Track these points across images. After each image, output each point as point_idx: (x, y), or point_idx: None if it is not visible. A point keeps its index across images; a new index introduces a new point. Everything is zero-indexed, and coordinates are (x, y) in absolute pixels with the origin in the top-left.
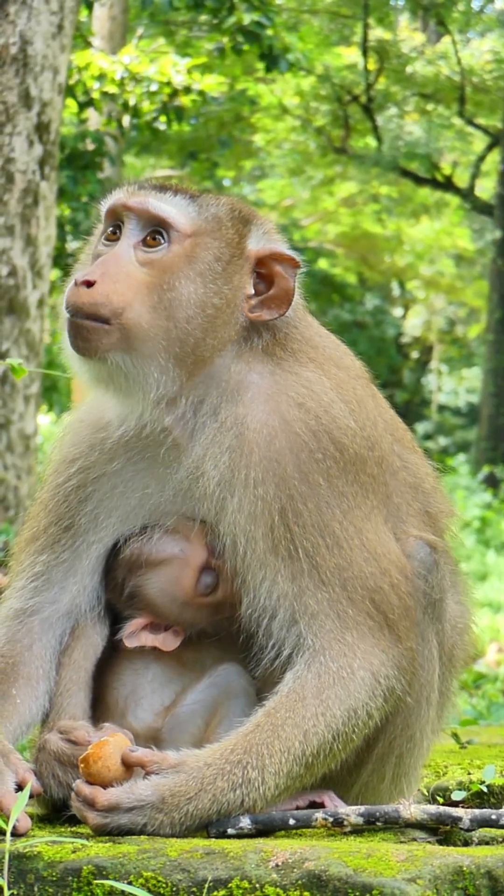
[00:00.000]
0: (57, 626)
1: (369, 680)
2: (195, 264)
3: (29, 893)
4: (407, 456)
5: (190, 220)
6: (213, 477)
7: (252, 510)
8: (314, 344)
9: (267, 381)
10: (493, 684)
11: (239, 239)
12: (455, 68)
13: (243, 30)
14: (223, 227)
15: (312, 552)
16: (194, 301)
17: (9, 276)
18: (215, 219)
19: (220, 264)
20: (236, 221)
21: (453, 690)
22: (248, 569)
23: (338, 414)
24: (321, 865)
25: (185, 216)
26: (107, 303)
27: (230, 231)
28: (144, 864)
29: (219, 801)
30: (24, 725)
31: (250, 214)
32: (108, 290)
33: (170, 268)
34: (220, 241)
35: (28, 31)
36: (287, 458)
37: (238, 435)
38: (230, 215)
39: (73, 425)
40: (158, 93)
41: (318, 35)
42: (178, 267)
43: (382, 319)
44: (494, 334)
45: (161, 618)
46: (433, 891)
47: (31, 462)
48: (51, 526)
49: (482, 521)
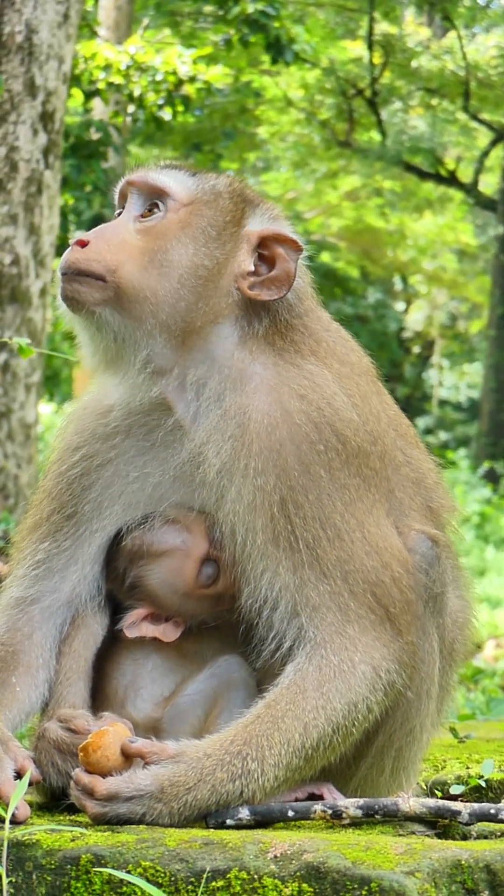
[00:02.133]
0: (57, 615)
1: (370, 674)
2: (188, 229)
3: (27, 881)
4: (410, 451)
5: (187, 189)
6: (213, 464)
7: (252, 500)
8: (318, 338)
9: (270, 372)
10: (490, 679)
11: (236, 212)
12: (460, 63)
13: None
14: (220, 199)
15: (313, 544)
16: (185, 263)
17: (11, 265)
18: (213, 190)
19: (214, 230)
20: (235, 196)
21: (453, 685)
22: (247, 559)
23: (340, 406)
24: (320, 857)
25: (182, 186)
26: (100, 259)
27: (227, 203)
28: (143, 854)
29: (218, 792)
30: (23, 714)
31: (254, 196)
32: (101, 248)
33: (163, 233)
34: (215, 211)
35: (34, 19)
36: (288, 448)
37: (240, 424)
38: (229, 190)
39: (76, 413)
40: (164, 82)
41: (323, 28)
42: (172, 232)
43: (384, 314)
44: (496, 330)
45: (162, 608)
46: (431, 884)
47: (32, 451)
48: (53, 514)
49: (481, 517)
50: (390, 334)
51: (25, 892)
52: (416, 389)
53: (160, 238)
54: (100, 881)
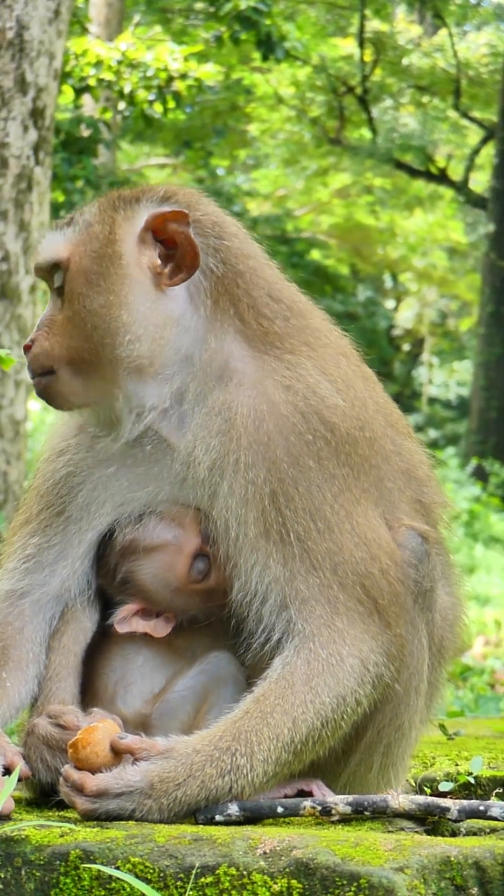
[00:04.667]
0: (47, 608)
1: (358, 667)
2: (82, 277)
3: (16, 877)
4: (400, 441)
5: (66, 243)
6: (204, 462)
7: (243, 494)
8: (289, 319)
9: (250, 365)
10: (479, 677)
11: (111, 227)
12: (451, 61)
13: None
14: (91, 228)
15: (304, 536)
16: (101, 305)
17: (1, 262)
18: (86, 225)
19: (99, 262)
20: (106, 211)
21: (442, 681)
22: (239, 553)
23: (325, 393)
24: (309, 853)
25: (62, 244)
26: (41, 353)
27: (99, 227)
28: (132, 850)
29: (207, 788)
30: (13, 709)
31: (132, 195)
32: (40, 342)
33: (70, 295)
34: (93, 241)
35: (25, 15)
36: (277, 441)
37: (227, 420)
38: (99, 211)
39: (65, 417)
40: (154, 78)
41: (314, 25)
42: (75, 290)
43: (374, 311)
44: (486, 328)
45: (153, 604)
46: (421, 880)
47: (21, 448)
48: (42, 511)
49: (470, 515)
50: (380, 332)
51: (14, 888)
52: (406, 387)
53: (71, 300)
54: (89, 877)
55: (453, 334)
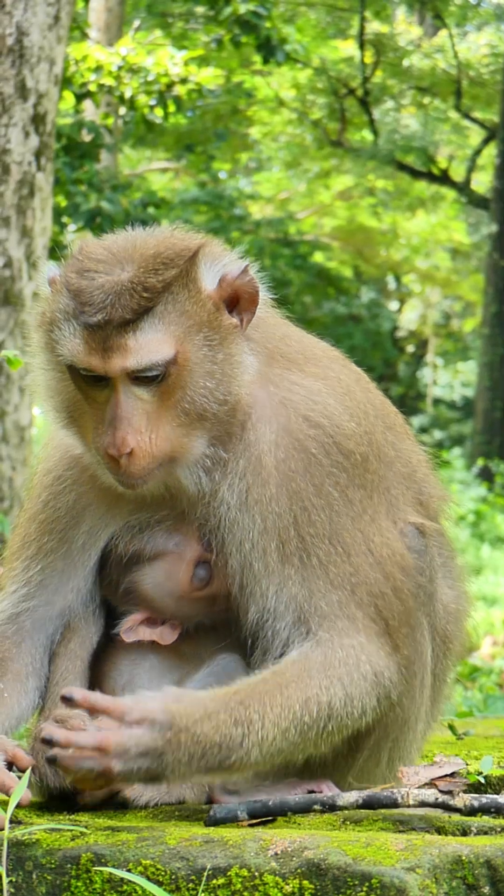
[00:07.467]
0: (49, 625)
1: (371, 676)
2: (195, 366)
3: (28, 881)
4: (399, 445)
5: (168, 338)
6: (231, 501)
7: (265, 525)
8: (283, 342)
9: (262, 395)
10: (487, 677)
11: (216, 307)
12: (452, 62)
13: (240, 20)
14: (194, 305)
15: (325, 560)
16: (204, 388)
17: (4, 268)
18: (181, 310)
19: (212, 341)
20: (191, 287)
21: (448, 673)
22: (257, 580)
23: (339, 421)
24: (320, 854)
25: (162, 342)
26: (152, 458)
27: (191, 307)
28: (143, 852)
29: (221, 732)
30: (12, 719)
31: (193, 260)
32: (142, 449)
33: (174, 387)
34: (199, 322)
35: (24, 21)
36: (301, 475)
37: (251, 457)
38: (191, 290)
39: (55, 440)
40: (155, 83)
41: (314, 28)
42: (183, 379)
43: (378, 313)
44: (490, 328)
45: (158, 612)
46: (432, 880)
47: (26, 453)
48: (44, 536)
49: (477, 515)
50: (384, 333)
51: (26, 891)
52: (411, 388)
53: (176, 390)
54: (100, 880)
55: (457, 335)
